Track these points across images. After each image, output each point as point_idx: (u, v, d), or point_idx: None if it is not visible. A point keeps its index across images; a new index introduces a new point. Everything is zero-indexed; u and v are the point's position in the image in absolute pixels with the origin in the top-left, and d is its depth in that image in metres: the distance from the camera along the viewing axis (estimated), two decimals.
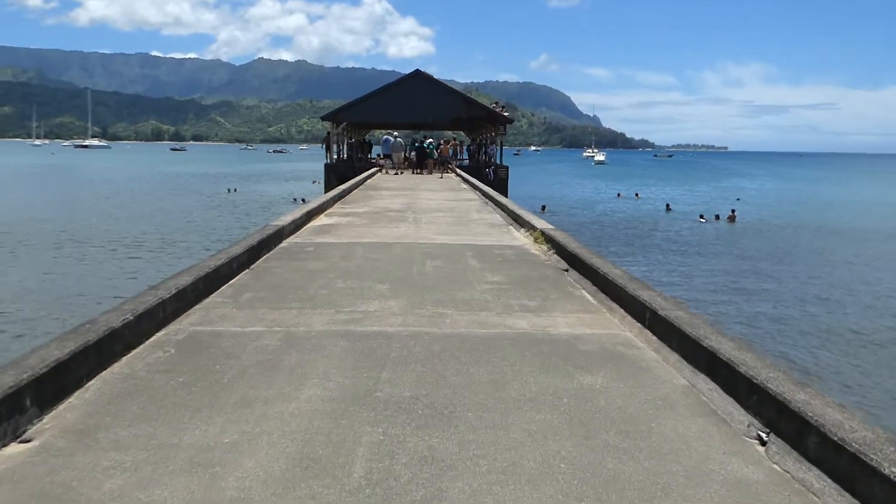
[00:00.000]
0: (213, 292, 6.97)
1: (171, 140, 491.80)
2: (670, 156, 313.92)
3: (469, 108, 43.26)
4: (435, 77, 49.87)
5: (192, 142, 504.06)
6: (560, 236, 10.18)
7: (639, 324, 6.15)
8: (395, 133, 41.29)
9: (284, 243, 10.72)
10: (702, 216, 41.47)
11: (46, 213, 38.25)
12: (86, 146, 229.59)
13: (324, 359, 5.01)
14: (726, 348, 4.58)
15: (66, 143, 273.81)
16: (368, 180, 29.25)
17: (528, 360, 5.14)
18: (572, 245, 9.29)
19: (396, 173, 35.89)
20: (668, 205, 49.33)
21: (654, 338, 5.72)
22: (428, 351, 5.25)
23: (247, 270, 8.34)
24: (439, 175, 34.03)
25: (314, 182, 63.65)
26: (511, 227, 13.67)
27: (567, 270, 8.87)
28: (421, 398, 4.28)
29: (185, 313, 6.12)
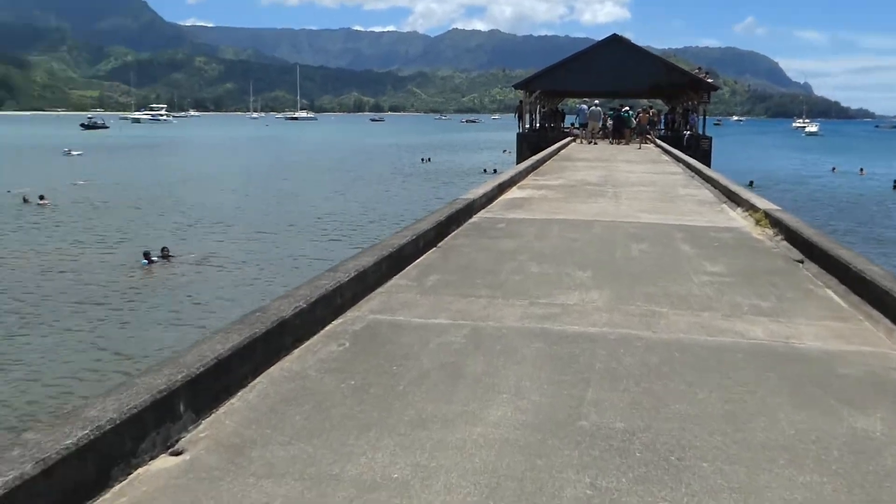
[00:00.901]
0: (396, 274, 6.40)
1: (371, 111, 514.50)
2: (895, 126, 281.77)
3: (669, 74, 40.57)
4: (632, 42, 47.33)
5: (389, 112, 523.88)
6: (790, 220, 8.68)
7: None
8: (596, 101, 39.59)
9: (475, 218, 10.06)
10: None
11: (255, 180, 40.87)
12: (295, 118, 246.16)
13: (515, 365, 4.21)
14: None
15: (279, 115, 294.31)
16: (562, 150, 28.13)
17: (771, 384, 4.03)
18: (807, 231, 7.82)
19: (591, 143, 34.42)
20: (895, 182, 43.72)
21: None
22: (642, 363, 4.29)
23: (434, 249, 7.73)
24: (637, 145, 32.16)
25: (505, 152, 63.29)
26: (724, 205, 12.14)
27: (802, 262, 7.44)
28: (637, 434, 3.35)
29: (365, 298, 5.57)
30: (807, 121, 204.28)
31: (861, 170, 53.96)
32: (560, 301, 5.72)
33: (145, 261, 17.97)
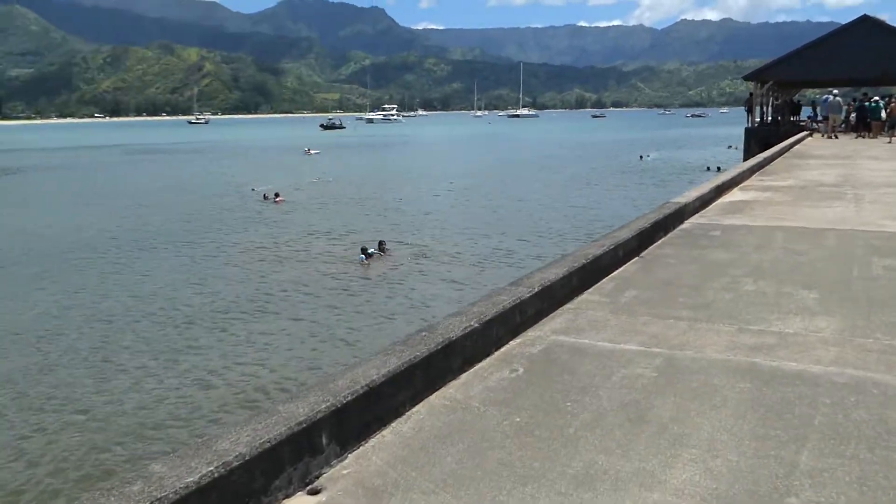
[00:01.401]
0: (588, 287, 5.88)
1: (593, 107, 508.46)
2: None
3: None
4: (887, 22, 41.99)
5: (611, 108, 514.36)
6: None
7: None
8: (835, 91, 35.70)
9: (686, 224, 9.20)
10: None
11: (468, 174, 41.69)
12: (517, 115, 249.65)
13: (712, 411, 3.56)
14: None
15: (501, 113, 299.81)
16: (796, 146, 25.58)
17: None
18: None
19: (831, 137, 31.06)
20: None
21: None
22: (879, 420, 3.46)
23: (635, 259, 7.09)
24: (887, 140, 28.43)
25: (730, 147, 59.31)
26: None
27: None
28: None
29: (550, 315, 5.13)
30: None
31: None
32: (776, 328, 4.90)
33: (362, 255, 18.76)
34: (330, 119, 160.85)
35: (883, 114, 31.09)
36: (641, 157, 58.31)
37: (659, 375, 4.03)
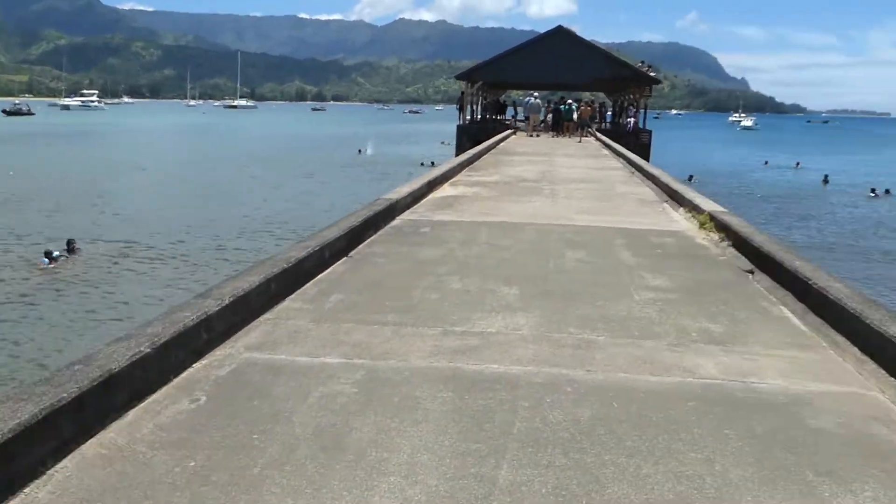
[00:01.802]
0: (291, 293, 5.43)
1: (314, 100, 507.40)
2: (825, 122, 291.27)
3: (613, 67, 40.23)
4: (578, 34, 46.82)
5: (332, 102, 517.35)
6: (737, 223, 8.00)
7: (894, 379, 4.08)
8: (535, 94, 38.97)
9: (397, 220, 9.13)
10: (873, 190, 36.93)
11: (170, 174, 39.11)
12: (234, 106, 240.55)
13: (413, 428, 3.30)
14: None
15: (217, 103, 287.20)
16: (502, 143, 27.39)
17: (732, 448, 3.23)
18: (757, 238, 7.12)
19: (533, 136, 33.89)
20: (825, 176, 44.33)
21: None
22: (573, 421, 3.43)
23: (344, 259, 6.78)
24: (577, 139, 31.65)
25: (443, 143, 62.48)
26: (666, 204, 11.49)
27: (752, 272, 6.74)
28: None
29: (245, 328, 4.59)
30: (743, 115, 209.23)
31: (797, 164, 54.88)
32: (480, 328, 4.85)
33: (45, 259, 16.48)
34: (16, 104, 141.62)
35: (575, 116, 34.51)
36: (360, 151, 59.14)
37: (360, 392, 3.70)
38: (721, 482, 2.92)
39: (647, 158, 33.61)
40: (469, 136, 35.40)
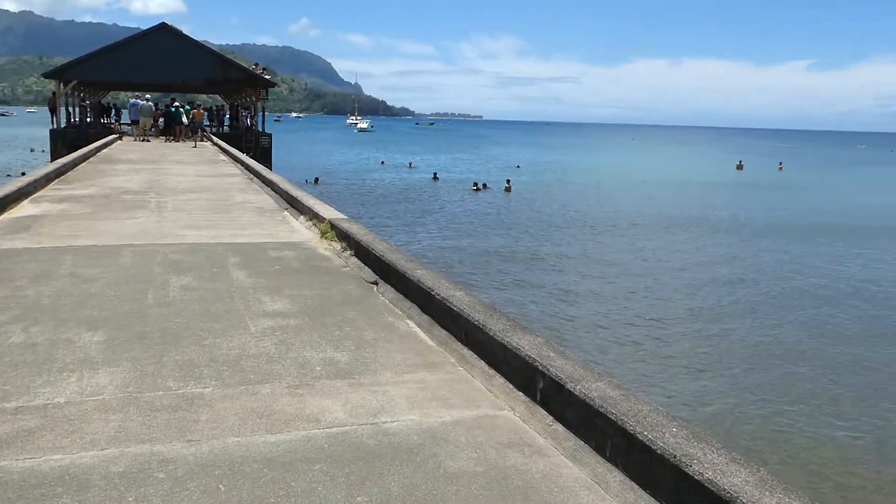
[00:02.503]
0: None
1: None
2: (432, 124, 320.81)
3: (225, 69, 38.73)
4: (185, 33, 44.31)
5: None
6: (358, 231, 7.65)
7: (522, 394, 3.87)
8: (147, 95, 35.86)
9: None
10: (475, 185, 41.08)
11: None
12: None
13: None
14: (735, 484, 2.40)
15: None
16: (104, 150, 24.54)
17: None
18: (379, 246, 6.81)
19: (143, 140, 31.16)
20: (435, 174, 48.37)
21: (561, 427, 3.47)
22: None
23: None
24: (192, 144, 29.77)
25: (33, 151, 55.10)
26: (286, 212, 10.89)
27: (376, 284, 6.39)
28: None
29: None
30: (359, 118, 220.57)
31: (410, 164, 58.94)
32: (42, 400, 3.64)
33: None
34: None
35: (185, 119, 32.48)
36: None
37: None
38: None
39: (269, 162, 33.10)
40: (66, 143, 31.35)
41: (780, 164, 72.89)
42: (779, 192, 46.57)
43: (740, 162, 70.62)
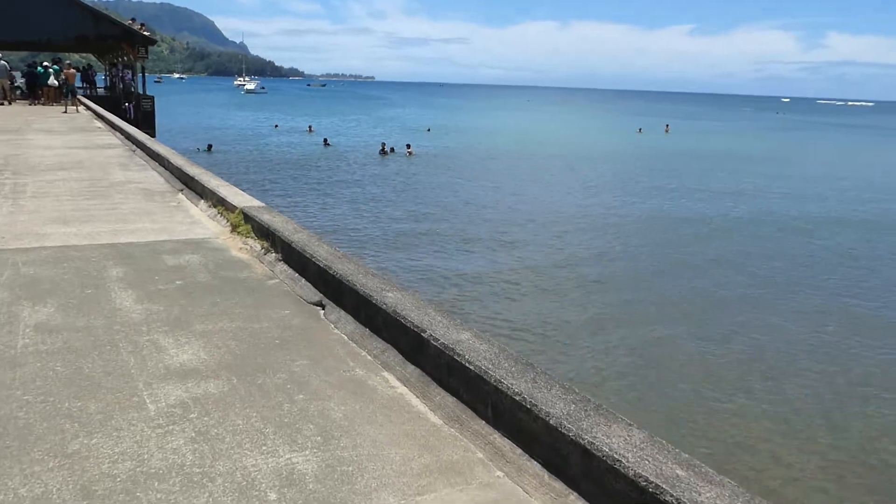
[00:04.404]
0: None
1: None
2: (323, 85, 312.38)
3: (98, 23, 34.85)
4: None
5: None
6: (285, 227, 5.79)
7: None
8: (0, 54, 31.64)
9: None
10: (382, 147, 39.21)
11: None
12: None
13: None
14: None
15: None
16: None
17: None
18: (320, 251, 5.02)
19: (1, 104, 27.56)
20: (325, 139, 45.80)
21: None
22: None
23: None
24: (62, 109, 26.34)
25: None
26: (182, 195, 8.85)
27: (321, 306, 4.65)
28: None
29: None
30: (247, 79, 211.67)
31: (309, 127, 55.71)
32: None
33: None
34: None
35: (52, 80, 28.92)
36: None
37: None
38: None
39: (152, 129, 30.01)
40: None
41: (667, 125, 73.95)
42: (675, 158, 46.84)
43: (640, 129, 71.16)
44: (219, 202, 7.42)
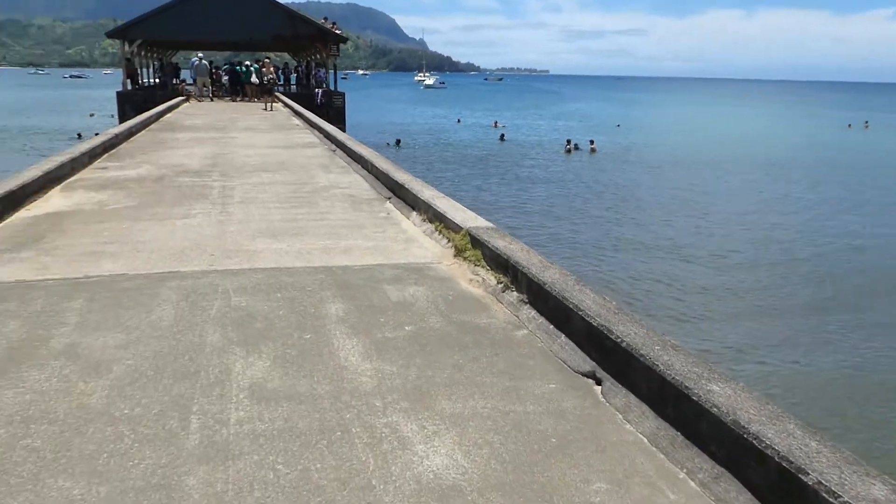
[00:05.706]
0: None
1: None
2: (500, 79, 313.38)
3: (294, 23, 36.03)
4: None
5: None
6: (529, 260, 4.72)
7: None
8: (200, 54, 33.51)
9: None
10: (568, 143, 38.12)
11: None
12: None
13: None
14: None
15: None
16: (168, 114, 22.24)
17: None
18: (586, 300, 3.90)
19: (202, 101, 29.33)
20: (502, 135, 44.96)
21: None
22: None
23: None
24: (263, 106, 27.18)
25: (92, 115, 53.43)
26: (390, 203, 8.10)
27: (597, 380, 3.53)
28: None
29: None
30: (426, 74, 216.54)
31: (495, 123, 55.14)
32: None
33: None
34: None
35: (254, 78, 30.16)
36: None
37: None
38: None
39: (343, 124, 30.47)
40: (134, 105, 29.41)
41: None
42: None
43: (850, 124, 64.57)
44: (435, 217, 6.53)
